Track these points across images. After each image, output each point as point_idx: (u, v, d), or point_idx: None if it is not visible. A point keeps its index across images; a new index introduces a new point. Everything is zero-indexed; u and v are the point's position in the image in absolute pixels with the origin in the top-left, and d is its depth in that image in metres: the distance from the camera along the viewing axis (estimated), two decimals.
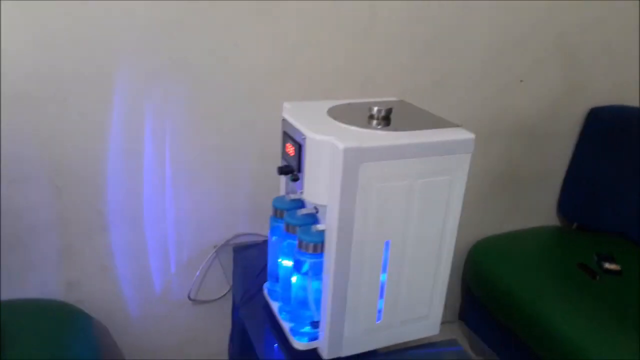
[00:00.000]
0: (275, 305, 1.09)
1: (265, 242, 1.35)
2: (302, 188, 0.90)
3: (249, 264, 1.31)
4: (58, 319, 1.09)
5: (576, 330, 1.24)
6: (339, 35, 1.24)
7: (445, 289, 1.02)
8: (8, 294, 1.17)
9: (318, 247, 0.91)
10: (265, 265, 1.20)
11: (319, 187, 0.87)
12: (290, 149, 0.92)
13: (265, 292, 1.13)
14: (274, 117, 1.25)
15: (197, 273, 1.34)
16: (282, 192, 1.09)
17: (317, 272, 0.93)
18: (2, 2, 0.96)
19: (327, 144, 0.83)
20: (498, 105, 1.50)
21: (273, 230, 1.07)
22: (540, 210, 1.75)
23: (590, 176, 1.65)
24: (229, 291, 1.41)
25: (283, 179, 1.06)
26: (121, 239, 1.25)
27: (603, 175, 1.63)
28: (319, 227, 0.91)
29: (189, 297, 1.37)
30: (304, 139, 0.87)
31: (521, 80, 1.50)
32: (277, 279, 1.10)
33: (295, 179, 0.92)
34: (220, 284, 1.39)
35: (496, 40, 1.41)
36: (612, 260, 1.46)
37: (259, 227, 1.37)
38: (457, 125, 0.94)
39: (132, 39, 1.09)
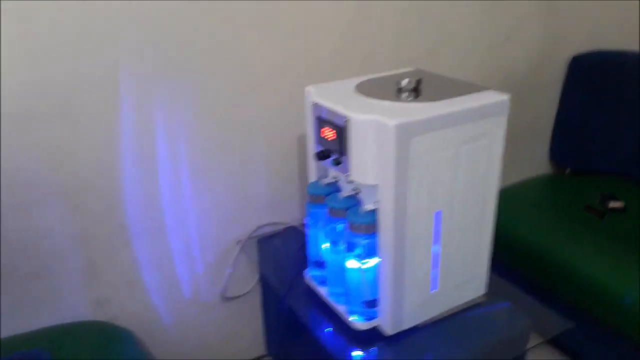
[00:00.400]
0: (322, 290, 1.08)
1: (287, 230, 1.35)
2: (348, 170, 0.89)
3: (277, 253, 1.30)
4: (104, 340, 1.05)
5: (598, 269, 1.30)
6: (332, 19, 1.22)
7: (489, 250, 1.04)
8: (39, 323, 1.12)
9: (370, 228, 0.91)
10: (299, 252, 1.20)
11: (367, 167, 0.87)
12: (329, 133, 0.91)
13: (308, 278, 1.13)
14: (281, 106, 1.24)
15: (230, 270, 1.32)
16: (313, 179, 1.07)
17: (370, 252, 0.94)
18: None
19: (373, 122, 0.83)
20: (488, 64, 1.53)
21: (311, 216, 1.06)
22: (533, 160, 1.81)
23: (578, 121, 1.71)
24: (256, 284, 1.39)
25: (313, 165, 1.05)
26: (145, 249, 1.21)
27: (590, 118, 1.69)
28: (368, 207, 0.92)
29: (221, 296, 1.35)
30: (347, 120, 0.85)
31: (508, 37, 1.53)
32: (319, 265, 1.09)
33: (338, 163, 0.91)
34: (246, 278, 1.37)
35: (482, 2, 1.42)
36: (615, 198, 1.53)
37: (279, 216, 1.35)
38: (486, 88, 0.95)
39: (134, 40, 1.03)
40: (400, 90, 0.94)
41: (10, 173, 1.00)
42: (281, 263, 1.26)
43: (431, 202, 0.90)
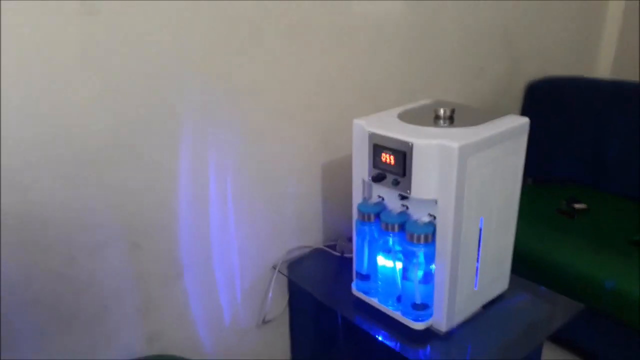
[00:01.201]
0: (373, 300, 1.20)
1: (313, 252, 1.45)
2: (409, 188, 1.03)
3: (313, 273, 1.40)
4: None
5: (580, 259, 1.53)
6: (351, 63, 1.38)
7: (512, 249, 1.22)
8: None
9: (429, 237, 1.05)
10: (338, 268, 1.31)
11: (429, 185, 1.01)
12: (389, 158, 1.04)
13: (356, 290, 1.23)
14: (306, 140, 1.36)
15: (270, 295, 1.39)
16: (358, 200, 1.19)
17: (428, 259, 1.07)
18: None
19: (437, 146, 0.98)
20: (468, 91, 1.75)
21: (360, 233, 1.18)
22: None
23: (537, 137, 1.97)
24: (285, 307, 1.47)
25: (360, 187, 1.17)
26: (194, 282, 1.26)
27: (546, 135, 1.96)
28: (425, 219, 1.06)
29: (257, 321, 1.42)
30: (411, 146, 1.00)
31: (481, 69, 1.76)
32: (368, 277, 1.21)
33: (397, 183, 1.05)
34: (277, 302, 1.45)
35: (463, 39, 1.64)
36: (578, 202, 1.79)
37: (304, 240, 1.45)
38: (505, 114, 1.13)
39: (191, 90, 1.11)
40: (437, 118, 1.10)
41: (82, 214, 1.04)
42: (320, 281, 1.36)
43: (478, 211, 1.06)
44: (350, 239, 1.44)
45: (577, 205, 1.77)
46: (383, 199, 1.16)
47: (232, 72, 1.17)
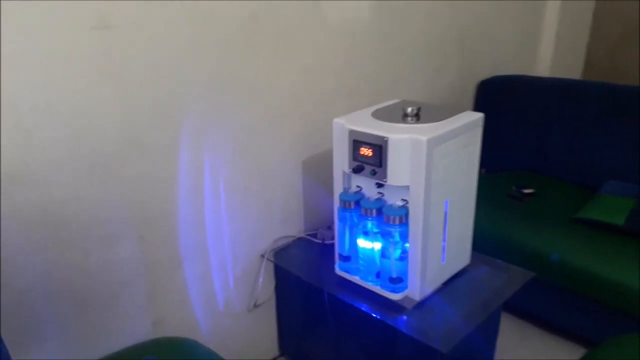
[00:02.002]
0: (355, 278, 1.36)
1: (296, 241, 1.60)
2: (386, 177, 1.20)
3: (298, 259, 1.55)
4: (183, 348, 1.22)
5: (531, 237, 1.74)
6: (326, 67, 1.54)
7: (472, 228, 1.41)
8: (109, 347, 1.24)
9: (403, 219, 1.22)
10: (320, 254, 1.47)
11: (402, 173, 1.18)
12: (367, 151, 1.21)
13: (339, 270, 1.39)
14: (290, 140, 1.51)
15: (261, 279, 1.53)
16: (339, 190, 1.34)
17: (403, 238, 1.24)
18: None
19: (408, 139, 1.15)
20: (428, 90, 1.93)
21: (342, 219, 1.34)
22: None
23: (489, 130, 2.19)
24: (272, 292, 1.62)
25: (340, 179, 1.33)
26: (192, 269, 1.38)
27: (497, 128, 2.17)
28: (399, 203, 1.23)
29: (247, 306, 1.56)
30: (386, 140, 1.16)
31: (438, 70, 1.96)
32: (349, 258, 1.37)
33: (375, 173, 1.21)
34: (265, 287, 1.59)
35: (423, 44, 1.83)
36: (526, 187, 2.01)
37: (288, 230, 1.60)
38: (463, 110, 1.32)
39: (191, 94, 1.24)
40: (406, 115, 1.27)
41: (97, 209, 1.15)
42: (306, 265, 1.51)
43: (443, 195, 1.24)
44: (329, 227, 1.60)
45: (525, 190, 1.99)
46: (361, 188, 1.32)
47: (228, 76, 1.31)
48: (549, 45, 2.48)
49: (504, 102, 2.18)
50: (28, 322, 1.12)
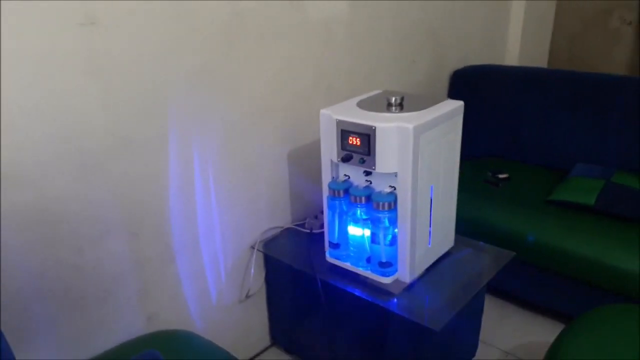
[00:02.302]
0: (346, 264, 1.40)
1: (284, 231, 1.63)
2: (374, 165, 1.24)
3: (287, 249, 1.58)
4: (181, 341, 1.23)
5: (506, 219, 1.81)
6: (307, 62, 1.56)
7: (455, 212, 1.46)
8: (105, 344, 1.25)
9: (392, 205, 1.26)
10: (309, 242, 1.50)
11: (390, 160, 1.22)
12: (356, 140, 1.24)
13: (330, 257, 1.43)
14: (274, 134, 1.53)
15: (252, 271, 1.56)
16: (328, 180, 1.38)
17: (391, 224, 1.29)
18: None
19: (395, 127, 1.19)
20: (404, 80, 1.98)
21: (331, 208, 1.37)
22: None
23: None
24: (263, 282, 1.64)
25: (328, 168, 1.36)
26: (185, 264, 1.39)
27: (470, 116, 2.24)
28: (387, 190, 1.27)
29: (239, 298, 1.58)
30: (374, 129, 1.20)
31: (414, 61, 2.01)
32: (338, 245, 1.41)
33: (363, 161, 1.25)
34: (256, 278, 1.61)
35: (397, 36, 1.88)
36: (501, 172, 2.09)
37: (276, 221, 1.63)
38: (444, 100, 1.37)
39: (178, 90, 1.25)
40: (390, 105, 1.31)
41: (89, 207, 1.15)
42: (296, 254, 1.54)
43: (428, 181, 1.28)
44: (316, 217, 1.64)
45: (500, 175, 2.06)
46: (349, 177, 1.36)
47: (212, 72, 1.32)
48: (516, 37, 2.57)
49: (476, 91, 2.26)
50: (23, 321, 1.12)
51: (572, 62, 2.96)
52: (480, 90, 2.26)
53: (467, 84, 2.26)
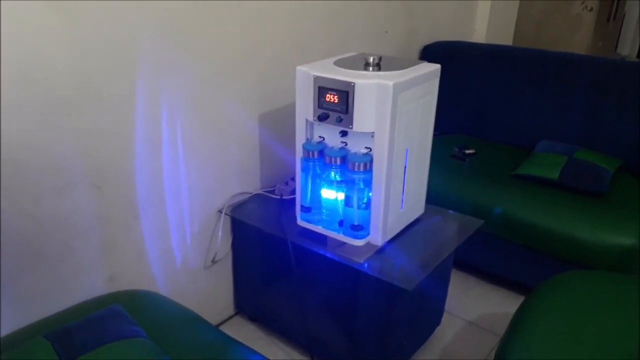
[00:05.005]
0: (318, 227, 1.37)
1: (253, 197, 1.59)
2: (352, 124, 1.21)
3: (256, 214, 1.54)
4: (145, 301, 1.18)
5: (471, 193, 1.83)
6: (280, 22, 1.51)
7: (427, 179, 1.46)
8: (64, 302, 1.18)
9: (367, 165, 1.24)
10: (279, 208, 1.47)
11: (367, 119, 1.20)
12: (333, 98, 1.21)
13: (301, 221, 1.40)
14: (246, 93, 1.48)
15: (220, 234, 1.51)
16: (302, 141, 1.34)
17: (366, 185, 1.27)
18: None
19: (375, 85, 1.17)
20: (378, 49, 1.97)
21: (304, 169, 1.34)
22: None
23: None
24: (229, 249, 1.60)
25: (303, 129, 1.33)
26: (149, 224, 1.33)
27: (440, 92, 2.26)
28: (363, 151, 1.25)
29: (204, 263, 1.53)
30: (353, 85, 1.17)
31: (386, 32, 1.99)
32: (310, 209, 1.38)
33: (340, 120, 1.22)
34: (222, 244, 1.57)
35: (371, 6, 1.85)
36: (468, 148, 2.11)
37: (245, 186, 1.58)
38: (421, 62, 1.36)
39: (147, 40, 1.18)
40: (367, 65, 1.28)
41: (49, 156, 1.08)
42: (266, 219, 1.50)
43: (404, 143, 1.27)
44: (287, 183, 1.60)
45: (467, 151, 2.09)
46: (324, 138, 1.33)
47: (185, 25, 1.26)
48: (484, 17, 2.60)
49: (445, 68, 2.24)
50: None
51: (536, 45, 3.03)
52: (448, 66, 2.25)
53: (436, 59, 2.25)
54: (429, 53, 2.27)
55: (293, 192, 1.51)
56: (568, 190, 1.77)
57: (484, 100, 2.24)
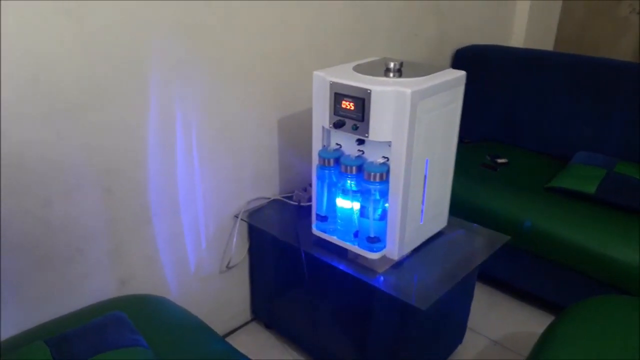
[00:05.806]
0: (332, 237, 1.33)
1: (271, 202, 1.56)
2: (368, 132, 1.16)
3: (274, 220, 1.51)
4: (152, 306, 1.16)
5: (503, 204, 1.74)
6: (299, 27, 1.48)
7: (450, 191, 1.39)
8: (73, 305, 1.17)
9: (384, 176, 1.19)
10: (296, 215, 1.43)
11: (384, 128, 1.15)
12: (349, 105, 1.16)
13: (316, 230, 1.36)
14: (263, 100, 1.45)
15: (235, 240, 1.48)
16: (318, 148, 1.30)
17: (382, 196, 1.21)
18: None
19: (392, 92, 1.11)
20: (405, 52, 1.90)
21: (320, 178, 1.30)
22: None
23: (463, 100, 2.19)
24: (246, 254, 1.57)
25: (319, 135, 1.28)
26: (162, 228, 1.32)
27: (471, 98, 2.17)
28: (379, 160, 1.19)
29: (219, 268, 1.51)
30: (369, 92, 1.12)
31: (416, 34, 1.92)
32: (326, 218, 1.33)
33: (356, 127, 1.17)
34: (238, 249, 1.54)
35: (400, 7, 1.79)
36: (500, 156, 2.01)
37: (262, 191, 1.55)
38: (445, 68, 1.29)
39: (161, 43, 1.17)
40: (388, 70, 1.23)
41: (58, 158, 1.07)
42: (282, 226, 1.47)
43: (424, 153, 1.21)
44: (305, 189, 1.56)
45: (498, 160, 1.99)
46: (341, 146, 1.28)
47: (198, 30, 1.24)
48: (523, 19, 2.49)
49: (479, 73, 2.17)
50: None
51: (580, 49, 2.88)
52: (483, 72, 2.18)
53: (470, 64, 2.18)
54: (462, 57, 2.18)
55: (310, 199, 1.47)
56: (605, 206, 1.66)
57: (519, 107, 2.13)
